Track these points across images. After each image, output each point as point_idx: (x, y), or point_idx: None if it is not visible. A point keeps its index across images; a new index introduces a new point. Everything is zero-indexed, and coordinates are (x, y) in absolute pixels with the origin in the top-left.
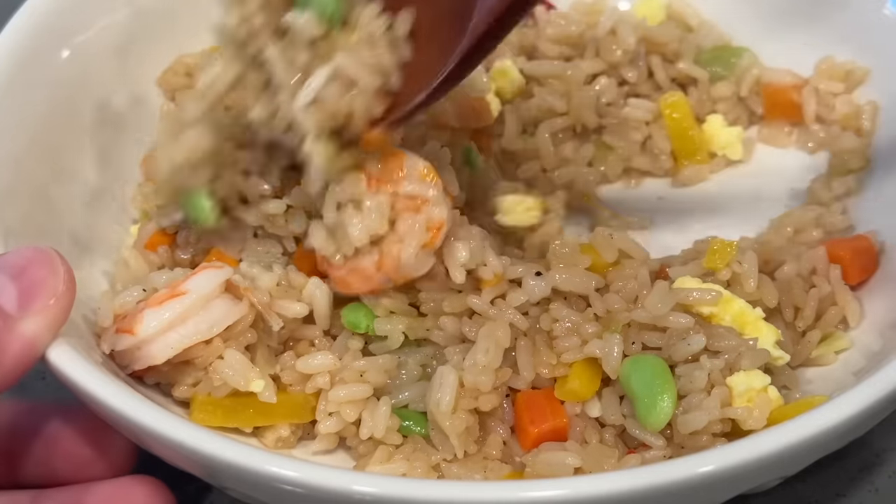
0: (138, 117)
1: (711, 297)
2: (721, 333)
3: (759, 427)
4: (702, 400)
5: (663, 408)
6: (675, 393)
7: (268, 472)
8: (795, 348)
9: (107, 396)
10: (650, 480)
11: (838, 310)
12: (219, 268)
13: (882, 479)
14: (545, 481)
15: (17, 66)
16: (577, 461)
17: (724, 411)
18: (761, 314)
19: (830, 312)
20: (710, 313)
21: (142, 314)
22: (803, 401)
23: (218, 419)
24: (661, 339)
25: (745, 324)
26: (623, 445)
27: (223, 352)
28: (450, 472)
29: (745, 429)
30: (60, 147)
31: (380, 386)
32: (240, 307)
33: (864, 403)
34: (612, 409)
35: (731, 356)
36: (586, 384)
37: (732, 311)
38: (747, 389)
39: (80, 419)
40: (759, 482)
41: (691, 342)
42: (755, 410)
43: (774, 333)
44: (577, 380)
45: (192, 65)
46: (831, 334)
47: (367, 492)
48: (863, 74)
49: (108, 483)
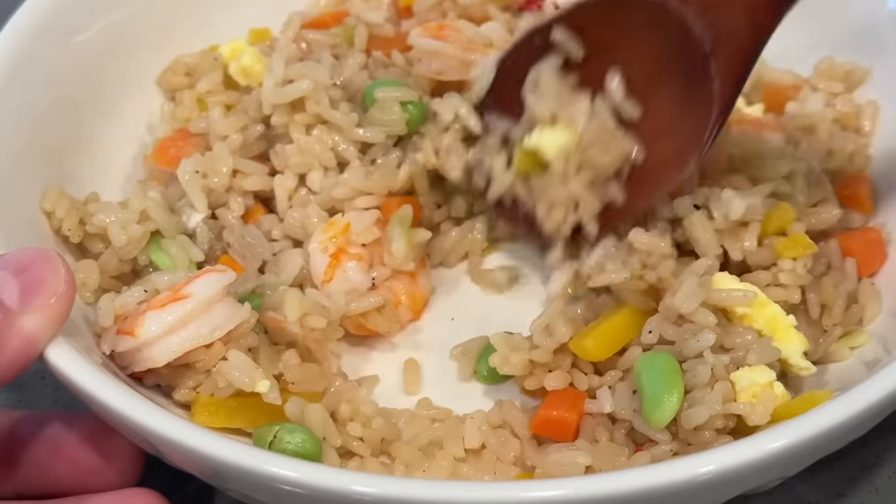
0: (138, 117)
1: (745, 298)
2: (738, 331)
3: (762, 423)
4: (704, 395)
5: (668, 405)
6: (683, 391)
7: (268, 472)
8: (816, 346)
9: (106, 397)
10: (650, 481)
11: (859, 307)
12: (221, 272)
13: (882, 479)
14: (545, 482)
15: (17, 65)
16: (587, 459)
17: (727, 406)
18: (793, 322)
19: (853, 309)
20: (742, 313)
21: (143, 316)
22: (807, 396)
23: (221, 420)
24: (677, 333)
25: (777, 330)
26: (632, 443)
27: (224, 355)
28: (460, 472)
29: (749, 425)
30: (60, 147)
31: None
32: (241, 311)
33: (867, 403)
34: (624, 402)
35: (741, 353)
36: (600, 346)
37: (765, 315)
38: (751, 385)
39: (83, 425)
40: (760, 482)
41: (700, 339)
42: (759, 406)
43: (803, 343)
44: (594, 340)
45: (192, 64)
46: (852, 331)
47: (367, 492)
48: (863, 74)
49: (108, 495)
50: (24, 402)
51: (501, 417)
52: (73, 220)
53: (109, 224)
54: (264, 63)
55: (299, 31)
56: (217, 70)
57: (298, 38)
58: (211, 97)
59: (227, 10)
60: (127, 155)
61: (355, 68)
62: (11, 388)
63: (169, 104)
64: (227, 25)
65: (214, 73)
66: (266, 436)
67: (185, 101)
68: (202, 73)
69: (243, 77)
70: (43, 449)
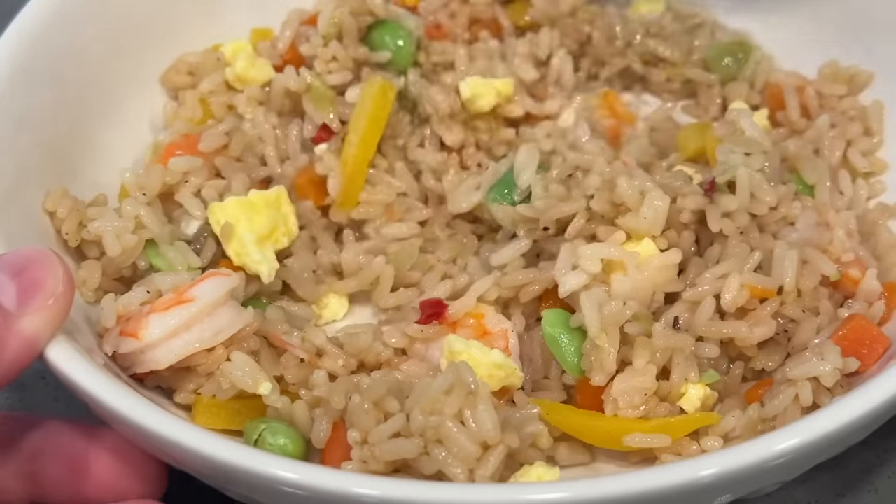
0: (141, 116)
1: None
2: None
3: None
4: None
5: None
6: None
7: (268, 473)
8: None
9: (107, 397)
10: (647, 484)
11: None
12: (226, 275)
13: (882, 479)
14: (545, 484)
15: (20, 66)
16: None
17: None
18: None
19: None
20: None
21: (147, 318)
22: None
23: (222, 422)
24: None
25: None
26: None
27: (225, 359)
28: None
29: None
30: (63, 147)
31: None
32: (245, 315)
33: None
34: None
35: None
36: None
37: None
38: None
39: (108, 440)
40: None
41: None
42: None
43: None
44: None
45: (194, 64)
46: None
47: (368, 494)
48: (867, 78)
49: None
50: (24, 402)
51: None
52: (72, 222)
53: (104, 233)
54: (258, 67)
55: (299, 28)
56: (219, 70)
57: (298, 34)
58: (213, 97)
59: (231, 10)
60: (131, 155)
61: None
62: (12, 388)
63: (172, 103)
64: (230, 25)
65: (217, 74)
66: (252, 434)
67: (187, 100)
68: (205, 72)
69: (239, 83)
70: (67, 466)
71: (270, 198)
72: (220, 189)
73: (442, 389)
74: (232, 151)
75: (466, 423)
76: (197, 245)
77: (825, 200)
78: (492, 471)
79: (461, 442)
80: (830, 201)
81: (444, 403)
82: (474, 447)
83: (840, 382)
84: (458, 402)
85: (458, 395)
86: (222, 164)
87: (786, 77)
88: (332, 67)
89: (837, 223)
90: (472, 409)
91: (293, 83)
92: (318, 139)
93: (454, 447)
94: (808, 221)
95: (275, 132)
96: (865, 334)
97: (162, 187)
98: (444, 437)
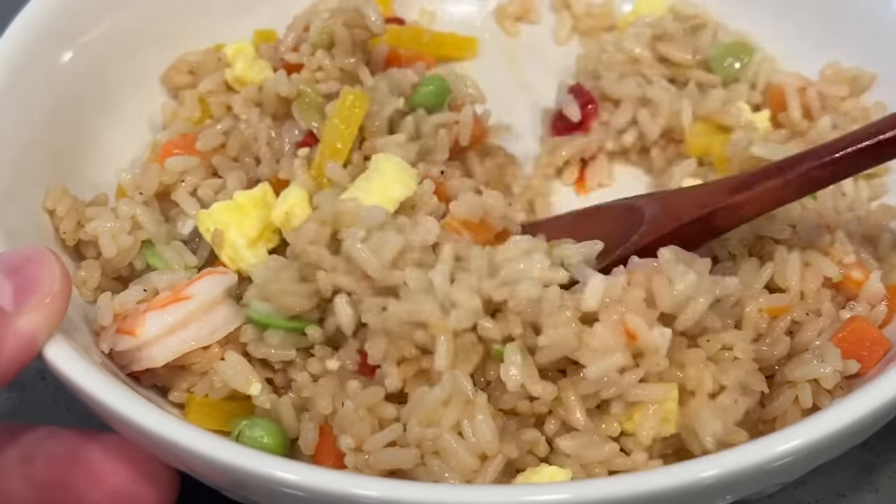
0: (141, 116)
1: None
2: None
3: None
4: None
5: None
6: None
7: (266, 474)
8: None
9: (104, 396)
10: (648, 485)
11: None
12: (223, 273)
13: (882, 479)
14: (545, 486)
15: (20, 66)
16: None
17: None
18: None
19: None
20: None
21: (144, 316)
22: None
23: (213, 422)
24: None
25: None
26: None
27: (220, 358)
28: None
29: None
30: (63, 147)
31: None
32: (241, 314)
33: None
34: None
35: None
36: None
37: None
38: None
39: (117, 446)
40: (759, 488)
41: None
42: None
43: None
44: None
45: (195, 63)
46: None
47: (367, 495)
48: (869, 80)
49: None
50: (24, 402)
51: None
52: (71, 221)
53: (101, 234)
54: (257, 69)
55: (301, 33)
56: (220, 70)
57: (301, 39)
58: (212, 97)
59: (234, 11)
60: (130, 154)
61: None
62: (11, 388)
63: (171, 102)
64: (234, 26)
65: (217, 74)
66: (235, 431)
67: (186, 100)
68: (206, 72)
69: (237, 84)
70: (82, 477)
71: (256, 196)
72: (217, 188)
73: (439, 400)
74: (229, 151)
75: (465, 434)
76: (193, 244)
77: (826, 202)
78: (489, 482)
79: (459, 454)
80: (832, 203)
81: (442, 415)
82: (472, 459)
83: (840, 384)
84: (456, 413)
85: (455, 405)
86: (219, 164)
87: (787, 78)
88: (318, 76)
89: (839, 225)
90: (471, 420)
91: (283, 88)
92: (303, 144)
93: (452, 459)
94: (809, 224)
95: (269, 133)
96: (866, 336)
97: (159, 187)
98: (442, 450)
